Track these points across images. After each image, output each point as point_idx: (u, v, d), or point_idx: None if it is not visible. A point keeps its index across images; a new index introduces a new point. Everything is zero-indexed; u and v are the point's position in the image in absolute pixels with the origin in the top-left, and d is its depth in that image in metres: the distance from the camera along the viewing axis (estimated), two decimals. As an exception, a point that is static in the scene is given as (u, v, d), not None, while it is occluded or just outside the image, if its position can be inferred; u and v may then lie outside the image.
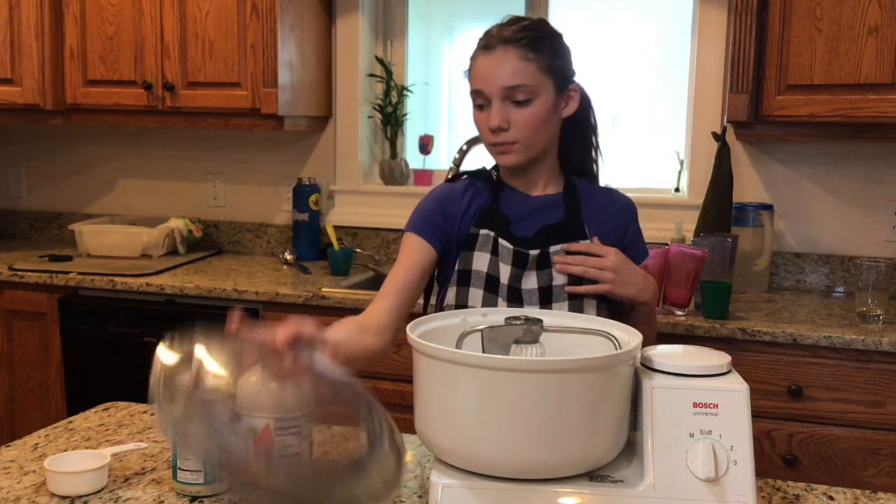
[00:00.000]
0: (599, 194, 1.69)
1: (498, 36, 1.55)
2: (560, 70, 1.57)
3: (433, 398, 1.13)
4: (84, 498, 1.23)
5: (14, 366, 2.88)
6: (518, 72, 1.52)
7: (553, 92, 1.56)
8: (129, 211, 3.44)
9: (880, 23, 2.31)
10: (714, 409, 1.11)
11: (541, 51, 1.54)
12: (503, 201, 1.63)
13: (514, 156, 1.57)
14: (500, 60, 1.53)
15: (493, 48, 1.55)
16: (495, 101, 1.54)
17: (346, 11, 3.12)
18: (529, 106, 1.54)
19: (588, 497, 1.11)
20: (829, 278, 2.77)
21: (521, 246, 1.58)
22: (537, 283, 1.56)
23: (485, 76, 1.55)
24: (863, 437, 2.20)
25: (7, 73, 2.99)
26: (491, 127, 1.54)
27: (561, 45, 1.60)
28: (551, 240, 1.58)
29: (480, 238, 1.59)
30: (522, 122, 1.54)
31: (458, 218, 1.62)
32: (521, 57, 1.53)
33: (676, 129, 2.98)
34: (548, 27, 1.60)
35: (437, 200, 1.65)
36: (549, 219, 1.61)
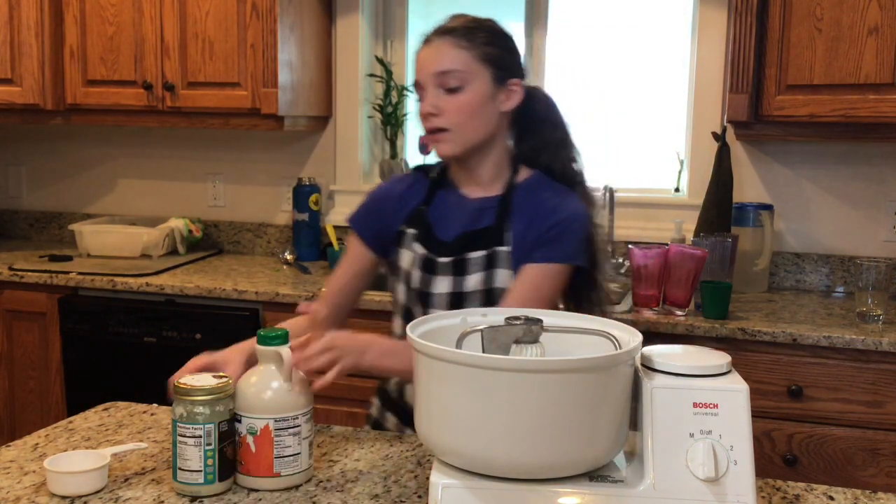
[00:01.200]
0: (538, 201, 1.60)
1: (436, 29, 1.58)
2: (498, 61, 1.56)
3: (433, 398, 1.13)
4: (84, 498, 1.23)
5: (14, 366, 2.88)
6: (450, 58, 1.53)
7: (489, 81, 1.55)
8: (129, 211, 3.44)
9: (880, 23, 2.31)
10: (714, 409, 1.11)
11: (476, 39, 1.55)
12: (438, 201, 1.65)
13: (448, 145, 1.56)
14: (435, 49, 1.55)
15: (431, 40, 1.57)
16: (428, 88, 1.55)
17: (346, 11, 3.12)
18: (461, 93, 1.53)
19: (588, 497, 1.11)
20: (829, 278, 2.77)
21: (438, 249, 1.59)
22: (449, 287, 1.56)
23: (420, 66, 1.57)
24: (863, 437, 2.20)
25: (7, 73, 2.99)
26: (421, 112, 1.56)
27: (503, 40, 1.59)
28: (469, 247, 1.57)
29: (407, 236, 1.63)
30: (453, 108, 1.53)
31: (392, 216, 1.65)
32: (455, 45, 1.54)
33: (676, 129, 2.98)
34: (491, 23, 1.60)
35: (375, 199, 1.71)
36: (477, 223, 1.60)
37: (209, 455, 1.22)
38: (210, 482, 1.23)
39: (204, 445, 1.22)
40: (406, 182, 1.70)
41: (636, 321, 2.29)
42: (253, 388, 1.26)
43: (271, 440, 1.24)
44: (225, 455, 1.24)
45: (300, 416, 1.26)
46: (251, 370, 1.29)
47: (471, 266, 1.57)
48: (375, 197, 1.71)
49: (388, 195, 1.69)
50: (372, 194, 1.72)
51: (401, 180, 1.73)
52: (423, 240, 1.61)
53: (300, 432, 1.26)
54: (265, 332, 1.28)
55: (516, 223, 1.58)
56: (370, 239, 1.67)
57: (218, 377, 1.26)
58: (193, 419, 1.21)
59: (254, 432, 1.24)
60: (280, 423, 1.24)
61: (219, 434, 1.23)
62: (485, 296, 1.56)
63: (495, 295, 1.56)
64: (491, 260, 1.56)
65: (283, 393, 1.25)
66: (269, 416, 1.24)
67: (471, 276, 1.56)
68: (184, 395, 1.22)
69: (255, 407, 1.24)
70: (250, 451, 1.25)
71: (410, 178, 1.71)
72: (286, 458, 1.25)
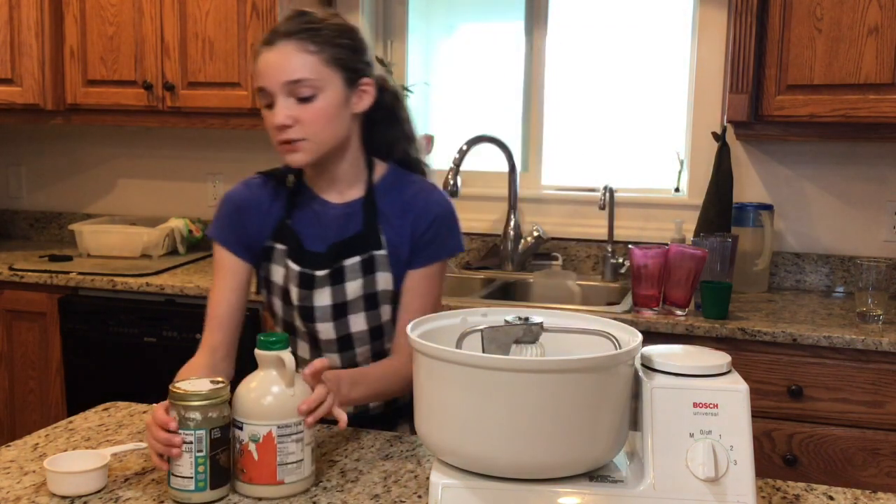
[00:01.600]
0: (403, 196, 1.59)
1: (280, 30, 1.48)
2: (349, 63, 1.50)
3: (433, 398, 1.13)
4: (84, 498, 1.23)
5: (14, 366, 2.88)
6: (299, 65, 1.46)
7: (341, 85, 1.50)
8: (129, 211, 3.44)
9: (880, 23, 2.31)
10: (714, 409, 1.11)
11: (324, 42, 1.47)
12: (300, 210, 1.59)
13: (303, 154, 1.49)
14: (280, 55, 1.46)
15: (274, 43, 1.48)
16: (279, 97, 1.47)
17: (346, 11, 3.12)
18: (315, 101, 1.47)
19: (588, 497, 1.11)
20: (829, 278, 2.77)
21: (311, 262, 1.55)
22: (331, 299, 1.54)
23: (266, 72, 1.47)
24: (863, 437, 2.20)
25: (7, 73, 2.99)
26: (276, 124, 1.47)
27: (351, 38, 1.53)
28: (343, 255, 1.55)
29: (276, 252, 1.58)
30: (309, 118, 1.47)
31: (257, 228, 1.60)
32: (302, 49, 1.46)
33: (676, 129, 2.98)
34: (336, 20, 1.53)
35: (235, 209, 1.61)
36: (345, 231, 1.56)
37: (200, 462, 1.19)
38: (201, 489, 1.21)
39: (195, 452, 1.19)
40: (264, 191, 1.61)
41: (636, 321, 2.29)
42: (253, 394, 1.23)
43: (274, 447, 1.21)
44: (218, 462, 1.21)
45: (303, 421, 1.24)
46: (250, 376, 1.26)
47: (348, 273, 1.54)
48: (234, 206, 1.61)
49: (248, 204, 1.60)
50: (230, 202, 1.62)
51: (259, 187, 1.62)
52: (294, 256, 1.56)
53: (303, 438, 1.24)
54: (265, 337, 1.25)
55: (387, 225, 1.56)
56: (239, 250, 1.59)
57: (214, 382, 1.24)
58: (185, 424, 1.19)
59: (256, 439, 1.21)
60: (283, 430, 1.21)
61: (211, 441, 1.20)
62: (367, 301, 1.55)
63: (378, 298, 1.55)
64: (368, 265, 1.54)
65: (285, 398, 1.23)
66: (271, 423, 1.21)
67: (350, 284, 1.54)
68: (177, 399, 1.21)
69: (257, 413, 1.22)
70: (252, 458, 1.22)
71: (267, 186, 1.62)
72: (290, 465, 1.23)
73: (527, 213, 3.04)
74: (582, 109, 3.12)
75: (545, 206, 3.03)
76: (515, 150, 2.98)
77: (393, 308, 1.58)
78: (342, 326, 1.57)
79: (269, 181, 1.63)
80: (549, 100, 3.10)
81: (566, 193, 3.05)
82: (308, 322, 1.57)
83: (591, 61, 3.08)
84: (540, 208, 3.03)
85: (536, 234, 2.92)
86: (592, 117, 3.11)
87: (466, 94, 3.22)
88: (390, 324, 1.59)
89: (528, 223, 3.00)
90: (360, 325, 1.57)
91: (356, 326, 1.57)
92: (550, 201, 3.03)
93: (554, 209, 3.02)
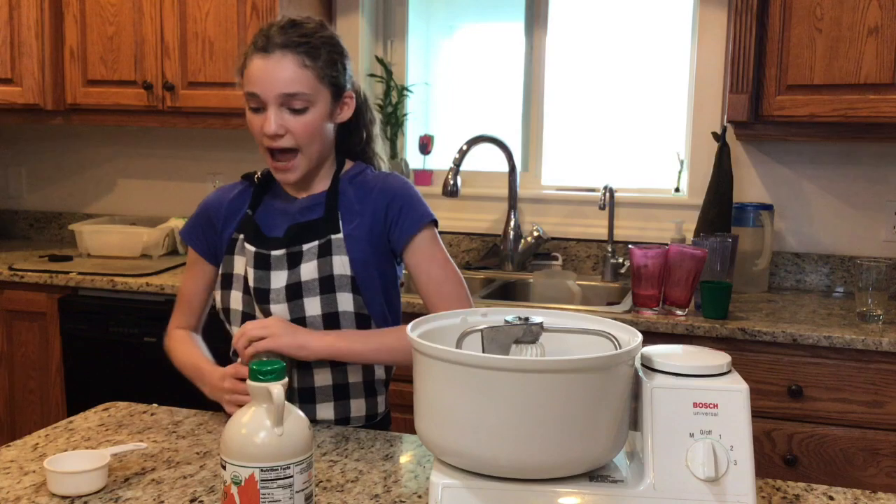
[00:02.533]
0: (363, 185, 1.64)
1: (276, 39, 1.51)
2: (337, 78, 1.56)
3: (433, 398, 1.13)
4: (84, 498, 1.23)
5: (14, 366, 2.88)
6: (296, 79, 1.50)
7: (329, 100, 1.56)
8: (129, 211, 3.44)
9: (880, 23, 2.31)
10: (714, 409, 1.11)
11: (319, 59, 1.52)
12: (265, 205, 1.65)
13: (294, 173, 1.56)
14: (278, 65, 1.50)
15: (271, 52, 1.50)
16: (272, 106, 1.51)
17: (346, 11, 3.12)
18: (306, 114, 1.52)
19: (588, 497, 1.11)
20: (829, 278, 2.77)
21: (268, 245, 1.59)
22: (285, 280, 1.56)
23: (261, 80, 1.51)
24: (863, 437, 2.20)
25: (7, 73, 2.99)
26: (267, 133, 1.52)
27: (338, 52, 1.57)
28: (299, 238, 1.58)
29: (238, 243, 1.62)
30: (299, 129, 1.52)
31: (223, 226, 1.65)
32: (300, 64, 1.51)
33: (676, 129, 2.98)
34: (326, 33, 1.57)
35: (204, 210, 1.69)
36: (307, 218, 1.61)
37: None
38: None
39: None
40: (234, 191, 1.69)
41: (636, 321, 2.29)
42: (244, 430, 1.09)
43: (257, 492, 1.07)
44: None
45: (292, 465, 1.08)
46: (242, 409, 1.12)
47: (305, 256, 1.57)
48: (204, 207, 1.70)
49: (216, 205, 1.68)
50: (202, 205, 1.71)
51: (228, 189, 1.70)
52: (252, 240, 1.61)
53: (291, 484, 1.08)
54: (257, 366, 1.09)
55: (346, 211, 1.60)
56: (205, 251, 1.67)
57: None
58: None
59: (238, 482, 1.08)
60: (268, 474, 1.07)
61: None
62: (322, 284, 1.56)
63: (334, 283, 1.56)
64: (325, 248, 1.57)
65: (271, 438, 1.08)
66: (254, 465, 1.07)
67: (305, 265, 1.56)
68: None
69: (240, 453, 1.07)
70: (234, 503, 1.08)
71: (238, 186, 1.70)
72: None
73: (527, 213, 3.04)
74: (582, 109, 3.12)
75: (545, 206, 3.03)
76: (515, 150, 2.98)
77: (353, 298, 1.57)
78: (296, 309, 1.56)
79: (242, 181, 1.70)
80: (549, 100, 3.10)
81: (566, 193, 3.05)
82: (262, 304, 1.58)
83: (591, 61, 3.08)
84: (540, 208, 3.03)
85: (536, 234, 2.92)
86: (592, 117, 3.11)
87: (466, 94, 3.23)
88: (350, 315, 1.57)
89: (528, 223, 3.00)
90: (314, 310, 1.56)
91: (311, 310, 1.56)
92: (550, 201, 3.03)
93: (554, 209, 3.02)
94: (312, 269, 1.56)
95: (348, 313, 1.56)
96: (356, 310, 1.56)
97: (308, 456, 1.10)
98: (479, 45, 3.22)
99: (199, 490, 1.26)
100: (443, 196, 2.80)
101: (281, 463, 1.07)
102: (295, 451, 1.09)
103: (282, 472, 1.07)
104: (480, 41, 3.22)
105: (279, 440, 1.08)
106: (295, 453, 1.09)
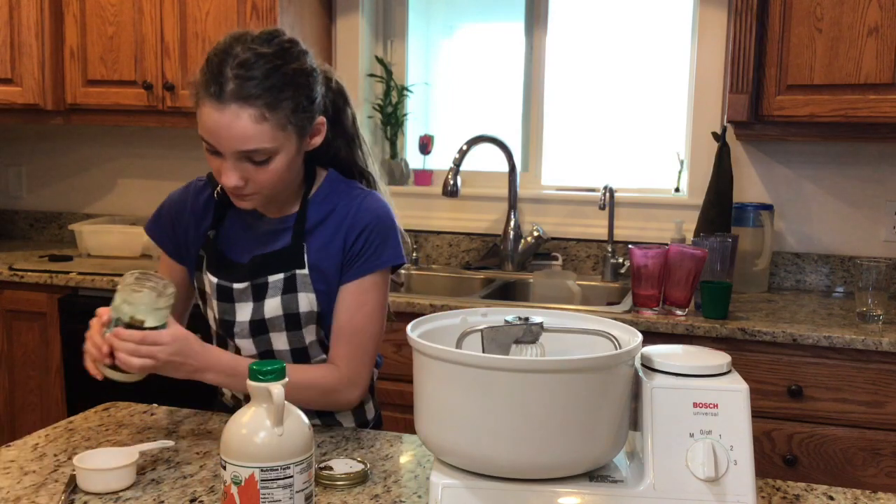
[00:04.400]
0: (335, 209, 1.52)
1: (230, 87, 1.33)
2: (302, 117, 1.39)
3: (433, 398, 1.13)
4: (84, 497, 1.23)
5: (14, 366, 2.88)
6: (255, 136, 1.34)
7: (296, 141, 1.41)
8: (129, 211, 3.44)
9: (880, 23, 2.31)
10: (714, 409, 1.11)
11: (280, 107, 1.35)
12: (229, 221, 1.56)
13: (252, 202, 1.45)
14: (232, 122, 1.33)
15: (225, 103, 1.33)
16: (229, 159, 1.38)
17: (346, 11, 3.12)
18: (269, 164, 1.38)
19: (588, 497, 1.11)
20: (829, 278, 2.77)
21: (231, 275, 1.50)
22: (249, 315, 1.49)
23: (215, 133, 1.36)
24: (863, 437, 2.20)
25: (7, 73, 2.99)
26: (226, 185, 1.41)
27: (305, 85, 1.39)
28: (265, 270, 1.49)
29: (204, 262, 1.56)
30: (263, 180, 1.40)
31: (190, 234, 1.58)
32: (257, 118, 1.33)
33: (676, 129, 2.98)
34: (290, 65, 1.37)
35: (169, 210, 1.62)
36: (272, 245, 1.51)
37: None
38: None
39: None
40: (200, 198, 1.59)
41: (636, 321, 2.29)
42: (244, 430, 1.08)
43: (257, 492, 1.07)
44: None
45: (292, 465, 1.08)
46: (242, 409, 1.12)
47: (270, 289, 1.48)
48: (170, 207, 1.62)
49: (182, 208, 1.60)
50: (168, 204, 1.63)
51: (197, 194, 1.60)
52: (213, 266, 1.53)
53: (292, 484, 1.08)
54: (257, 366, 1.09)
55: (314, 242, 1.50)
56: (171, 251, 1.61)
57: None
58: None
59: (238, 482, 1.07)
60: (267, 474, 1.07)
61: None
62: (288, 321, 1.49)
63: (300, 320, 1.49)
64: (290, 283, 1.48)
65: (271, 438, 1.07)
66: (254, 465, 1.06)
67: (270, 301, 1.48)
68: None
69: (240, 453, 1.07)
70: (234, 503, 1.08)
71: (204, 192, 1.60)
72: None
73: (527, 213, 3.04)
74: (582, 109, 3.12)
75: (545, 206, 3.03)
76: (515, 150, 2.98)
77: (317, 329, 1.52)
78: (263, 343, 1.51)
79: (208, 187, 1.60)
80: (549, 100, 3.10)
81: (566, 193, 3.05)
82: (228, 336, 1.53)
83: (591, 61, 3.08)
84: (540, 208, 3.03)
85: (536, 234, 2.92)
86: (592, 117, 3.11)
87: (466, 94, 3.23)
88: (316, 344, 1.54)
89: (528, 223, 3.00)
90: (282, 345, 1.51)
91: (278, 345, 1.51)
92: (550, 201, 3.03)
93: (554, 209, 3.02)
94: (277, 306, 1.48)
95: (315, 342, 1.54)
96: (321, 338, 1.54)
97: (308, 456, 1.10)
98: (479, 46, 3.22)
99: (199, 490, 1.26)
100: (443, 196, 2.80)
101: (281, 463, 1.07)
102: (295, 451, 1.08)
103: (282, 472, 1.07)
104: (480, 41, 3.22)
105: (279, 440, 1.07)
106: (295, 453, 1.08)
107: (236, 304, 1.51)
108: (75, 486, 1.26)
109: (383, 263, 1.51)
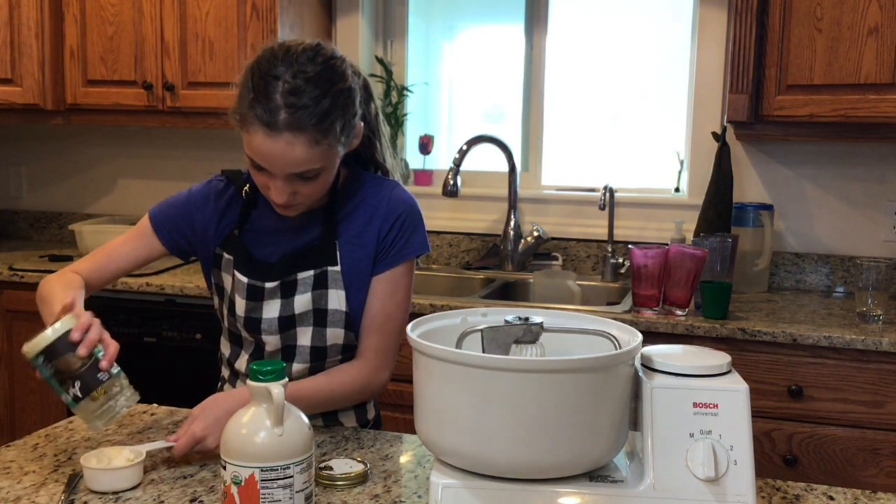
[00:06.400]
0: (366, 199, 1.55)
1: (282, 117, 1.33)
2: (347, 133, 1.42)
3: (433, 398, 1.13)
4: (83, 497, 1.23)
5: (14, 366, 2.88)
6: (306, 160, 1.37)
7: (340, 152, 1.44)
8: (129, 211, 3.44)
9: (880, 23, 2.31)
10: (714, 409, 1.11)
11: (330, 131, 1.37)
12: (254, 221, 1.56)
13: (297, 209, 1.48)
14: (286, 150, 1.35)
15: (279, 133, 1.34)
16: (279, 179, 1.39)
17: (346, 11, 3.12)
18: (318, 178, 1.42)
19: (588, 497, 1.11)
20: (829, 278, 2.77)
21: (261, 275, 1.51)
22: (278, 311, 1.50)
23: (267, 158, 1.37)
24: (863, 437, 2.20)
25: (7, 73, 2.99)
26: (276, 202, 1.43)
27: (350, 99, 1.41)
28: (296, 267, 1.50)
29: (224, 261, 1.56)
30: (311, 192, 1.44)
31: (204, 230, 1.58)
32: (310, 143, 1.36)
33: (676, 129, 2.98)
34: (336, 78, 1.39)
35: (187, 206, 1.60)
36: (300, 241, 1.53)
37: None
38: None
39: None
40: (224, 195, 1.59)
41: (636, 321, 2.29)
42: (244, 430, 1.09)
43: (257, 492, 1.07)
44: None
45: (292, 465, 1.08)
46: (244, 409, 1.12)
47: (299, 286, 1.50)
48: (189, 200, 1.60)
49: (205, 204, 1.59)
50: (187, 196, 1.61)
51: (219, 192, 1.60)
52: (242, 266, 1.53)
53: (292, 484, 1.09)
54: (258, 366, 1.09)
55: (344, 233, 1.53)
56: (167, 240, 1.60)
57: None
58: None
59: (238, 482, 1.08)
60: (267, 474, 1.07)
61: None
62: (316, 315, 1.51)
63: (327, 316, 1.51)
64: (320, 279, 1.50)
65: (271, 438, 1.08)
66: (254, 465, 1.07)
67: (299, 297, 1.50)
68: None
69: (240, 453, 1.08)
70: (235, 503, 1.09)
71: (227, 191, 1.60)
72: None
73: (527, 213, 3.04)
74: (582, 110, 3.12)
75: (545, 206, 3.03)
76: (515, 150, 2.98)
77: (345, 333, 1.53)
78: (288, 338, 1.53)
79: (230, 186, 1.60)
80: (549, 100, 3.10)
81: (566, 193, 3.05)
82: (254, 334, 1.53)
83: (591, 62, 3.08)
84: (540, 208, 3.03)
85: (536, 234, 2.92)
86: (592, 117, 3.11)
87: (466, 95, 3.23)
88: (336, 348, 1.54)
89: (528, 223, 3.00)
90: (305, 340, 1.52)
91: (302, 340, 1.52)
92: (550, 201, 3.03)
93: (554, 209, 3.02)
94: (307, 302, 1.50)
95: (336, 346, 1.54)
96: (345, 342, 1.54)
97: (308, 456, 1.11)
98: (480, 47, 3.22)
99: (199, 490, 1.26)
100: (443, 196, 2.81)
101: (281, 463, 1.08)
102: (295, 451, 1.09)
103: (282, 472, 1.08)
104: (481, 43, 3.22)
105: (279, 440, 1.08)
106: (295, 453, 1.09)
107: (264, 301, 1.52)
108: (75, 486, 1.26)
109: (414, 252, 1.55)
